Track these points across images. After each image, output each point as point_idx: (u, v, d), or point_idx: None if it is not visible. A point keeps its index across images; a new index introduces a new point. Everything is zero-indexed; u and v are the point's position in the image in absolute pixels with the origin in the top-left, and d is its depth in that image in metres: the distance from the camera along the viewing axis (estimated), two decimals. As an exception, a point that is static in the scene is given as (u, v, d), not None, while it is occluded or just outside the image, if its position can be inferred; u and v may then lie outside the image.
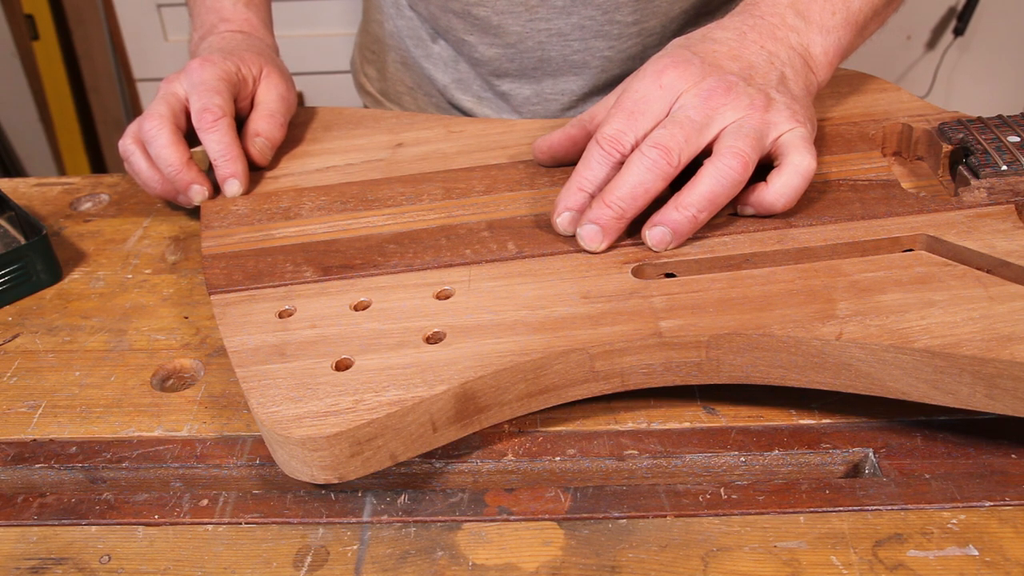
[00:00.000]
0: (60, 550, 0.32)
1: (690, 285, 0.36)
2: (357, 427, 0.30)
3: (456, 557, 0.31)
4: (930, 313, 0.33)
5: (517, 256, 0.39)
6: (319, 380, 0.33)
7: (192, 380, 0.40)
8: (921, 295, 0.34)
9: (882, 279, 0.35)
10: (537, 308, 0.36)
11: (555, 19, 0.56)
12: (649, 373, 0.35)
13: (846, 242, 0.37)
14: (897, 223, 0.38)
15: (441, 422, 0.33)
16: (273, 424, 0.31)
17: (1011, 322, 0.32)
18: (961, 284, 0.34)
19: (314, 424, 0.31)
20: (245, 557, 0.31)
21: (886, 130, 0.44)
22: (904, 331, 0.32)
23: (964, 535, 0.31)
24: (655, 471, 0.35)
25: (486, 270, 0.38)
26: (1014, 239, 0.36)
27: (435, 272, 0.38)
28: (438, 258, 0.39)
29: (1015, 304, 0.33)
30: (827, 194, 0.40)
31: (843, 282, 0.35)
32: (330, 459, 0.31)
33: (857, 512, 0.32)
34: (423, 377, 0.32)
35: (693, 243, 0.38)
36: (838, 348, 0.32)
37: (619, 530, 0.32)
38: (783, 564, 0.30)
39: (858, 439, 0.35)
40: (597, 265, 0.38)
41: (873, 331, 0.32)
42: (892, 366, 0.32)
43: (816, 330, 0.33)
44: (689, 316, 0.34)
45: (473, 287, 0.37)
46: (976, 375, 0.31)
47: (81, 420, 0.38)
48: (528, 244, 0.39)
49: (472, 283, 0.37)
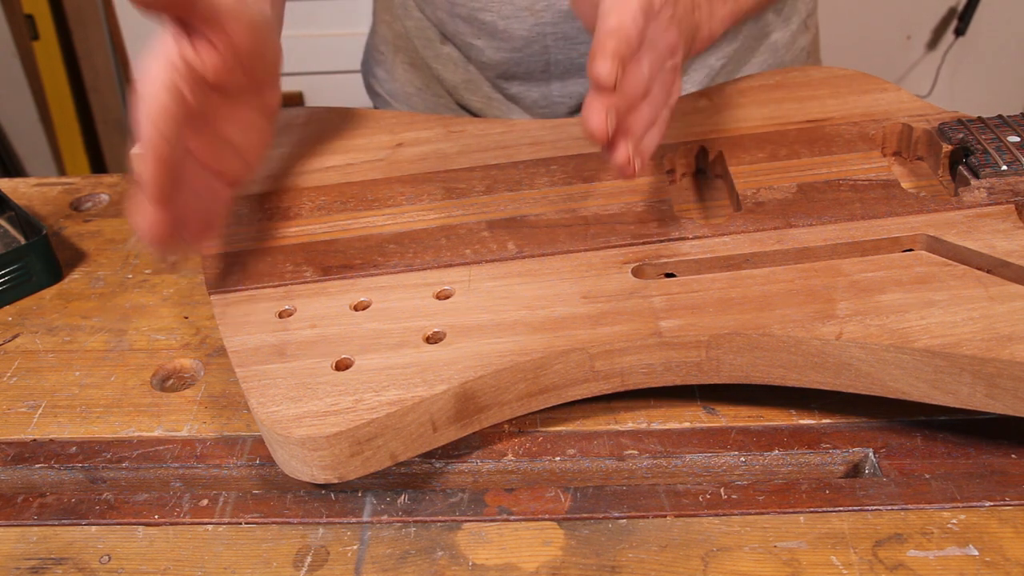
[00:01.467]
0: (60, 550, 0.32)
1: (690, 285, 0.36)
2: (357, 427, 0.30)
3: (456, 557, 0.31)
4: (930, 313, 0.33)
5: (517, 256, 0.39)
6: (319, 380, 0.33)
7: (192, 380, 0.40)
8: (921, 295, 0.34)
9: (882, 279, 0.35)
10: (537, 308, 0.36)
11: (561, 23, 0.56)
12: (649, 373, 0.35)
13: (846, 242, 0.37)
14: (897, 223, 0.38)
15: (441, 422, 0.33)
16: (273, 424, 0.31)
17: (1011, 322, 0.32)
18: (961, 284, 0.34)
19: (314, 424, 0.31)
20: (245, 557, 0.31)
21: (886, 130, 0.44)
22: (904, 331, 0.32)
23: (964, 535, 0.31)
24: (655, 471, 0.35)
25: (486, 270, 0.38)
26: (1014, 239, 0.36)
27: (435, 272, 0.38)
28: (438, 258, 0.39)
29: (1015, 304, 0.33)
30: (827, 194, 0.40)
31: (843, 282, 0.35)
32: (330, 459, 0.31)
33: (857, 512, 0.32)
34: (423, 377, 0.32)
35: (693, 243, 0.38)
36: (838, 348, 0.32)
37: (619, 530, 0.32)
38: (783, 564, 0.30)
39: (858, 439, 0.35)
40: (597, 265, 0.38)
41: (873, 331, 0.32)
42: (892, 366, 0.32)
43: (816, 330, 0.33)
44: (689, 316, 0.34)
45: (473, 287, 0.37)
46: (976, 375, 0.31)
47: (81, 420, 0.38)
48: (528, 244, 0.39)
49: (472, 283, 0.37)
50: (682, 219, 0.40)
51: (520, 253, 0.39)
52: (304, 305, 0.37)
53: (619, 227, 0.40)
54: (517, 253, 0.39)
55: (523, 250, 0.39)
